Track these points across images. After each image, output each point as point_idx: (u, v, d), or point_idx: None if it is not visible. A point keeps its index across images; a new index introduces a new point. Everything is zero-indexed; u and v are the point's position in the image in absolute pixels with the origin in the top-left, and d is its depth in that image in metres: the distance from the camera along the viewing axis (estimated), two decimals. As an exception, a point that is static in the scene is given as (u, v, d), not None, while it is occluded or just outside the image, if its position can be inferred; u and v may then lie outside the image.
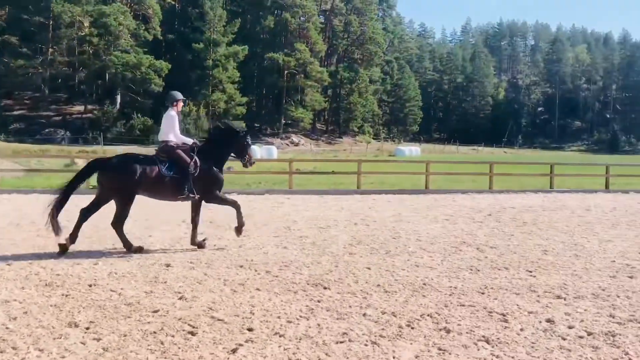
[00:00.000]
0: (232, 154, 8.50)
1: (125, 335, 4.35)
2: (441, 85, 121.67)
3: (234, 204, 8.19)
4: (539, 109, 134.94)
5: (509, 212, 13.30)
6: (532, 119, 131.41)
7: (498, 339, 4.35)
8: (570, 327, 4.65)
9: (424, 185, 19.41)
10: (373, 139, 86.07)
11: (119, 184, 7.51)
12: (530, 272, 6.80)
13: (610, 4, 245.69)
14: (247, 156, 8.43)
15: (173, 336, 4.36)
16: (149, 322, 4.67)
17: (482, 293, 5.74)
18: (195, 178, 7.76)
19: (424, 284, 6.08)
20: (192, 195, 7.82)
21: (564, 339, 4.36)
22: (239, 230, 8.22)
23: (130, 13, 63.23)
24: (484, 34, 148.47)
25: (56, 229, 7.24)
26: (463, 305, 5.28)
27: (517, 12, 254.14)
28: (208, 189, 7.97)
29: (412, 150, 67.19)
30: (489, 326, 4.67)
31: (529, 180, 23.05)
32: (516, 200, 16.60)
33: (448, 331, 4.53)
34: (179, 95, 8.33)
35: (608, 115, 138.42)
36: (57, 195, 7.43)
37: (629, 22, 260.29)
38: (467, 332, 4.51)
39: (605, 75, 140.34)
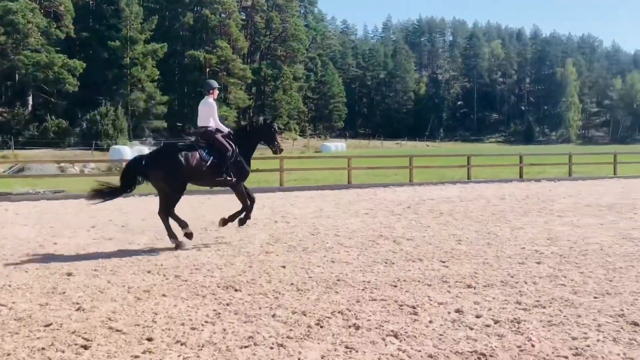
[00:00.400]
0: (262, 143, 8.94)
1: (8, 355, 3.97)
2: (364, 81, 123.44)
3: (246, 202, 8.58)
4: (459, 102, 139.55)
5: (428, 204, 13.52)
6: (453, 113, 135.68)
7: (406, 332, 4.29)
8: (478, 317, 4.66)
9: (346, 180, 19.48)
10: (299, 135, 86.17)
11: (167, 175, 7.77)
12: (444, 262, 6.85)
13: (521, 1, 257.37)
14: (276, 142, 8.89)
15: (63, 351, 4.03)
16: (38, 338, 4.30)
17: (395, 286, 5.70)
18: (230, 163, 8.15)
19: (338, 280, 5.97)
20: (229, 179, 8.21)
21: (471, 329, 4.36)
22: (231, 220, 8.58)
23: (40, 10, 60.01)
24: (404, 31, 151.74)
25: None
26: (375, 300, 5.21)
27: (435, 9, 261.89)
28: (236, 176, 8.29)
29: (337, 146, 67.75)
30: (398, 320, 4.61)
31: (448, 172, 23.66)
32: (435, 192, 16.94)
33: (357, 327, 4.43)
34: (215, 83, 8.81)
35: (523, 108, 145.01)
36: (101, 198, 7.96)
37: (539, 18, 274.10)
38: (376, 328, 4.43)
39: (519, 69, 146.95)
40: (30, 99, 61.77)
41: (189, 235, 7.97)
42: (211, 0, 74.32)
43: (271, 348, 4.04)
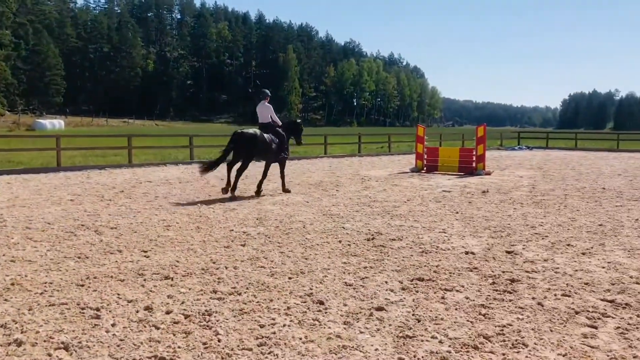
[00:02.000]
0: (292, 136, 12.69)
1: None
2: (87, 54, 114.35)
3: (283, 174, 12.44)
4: (188, 82, 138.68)
5: (144, 187, 12.81)
6: (183, 92, 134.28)
7: (80, 343, 3.69)
8: (168, 312, 4.30)
9: (56, 162, 17.49)
10: (8, 111, 75.94)
11: (247, 148, 11.16)
12: (145, 252, 6.34)
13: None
14: (300, 137, 12.87)
15: None
16: None
17: (82, 285, 5.01)
18: (284, 147, 12.10)
19: (13, 284, 5.03)
20: (285, 155, 12.27)
21: (157, 328, 3.97)
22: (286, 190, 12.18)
23: None
24: (129, 4, 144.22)
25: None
26: (53, 305, 4.46)
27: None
28: (287, 155, 12.48)
29: (54, 123, 61.52)
30: (75, 328, 3.97)
31: (172, 153, 23.06)
32: (155, 174, 16.25)
33: (20, 344, 3.66)
34: (268, 92, 12.38)
35: (250, 90, 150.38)
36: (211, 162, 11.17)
37: (263, 4, 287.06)
38: (44, 341, 3.73)
39: (245, 53, 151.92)
40: None
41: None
42: None
43: None
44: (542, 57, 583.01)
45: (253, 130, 11.53)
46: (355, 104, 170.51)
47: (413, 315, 4.26)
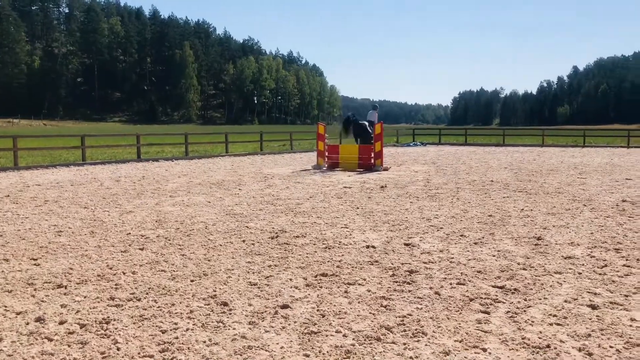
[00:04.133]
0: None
1: None
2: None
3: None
4: (79, 79, 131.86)
5: (32, 191, 12.02)
6: (73, 90, 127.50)
7: (-38, 363, 3.40)
8: (61, 323, 4.05)
9: None
10: None
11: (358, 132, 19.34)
12: (36, 260, 5.95)
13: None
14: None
15: None
16: None
17: (-38, 300, 4.61)
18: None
19: None
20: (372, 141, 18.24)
21: (51, 340, 3.73)
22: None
23: None
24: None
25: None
26: None
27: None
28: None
29: None
30: (-45, 347, 3.65)
31: (62, 154, 21.82)
32: (44, 177, 15.30)
33: None
34: (377, 107, 21.98)
35: (145, 87, 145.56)
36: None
37: None
38: None
39: (139, 49, 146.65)
40: None
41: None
42: None
43: None
44: (433, 56, 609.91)
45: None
46: (256, 101, 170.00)
47: (318, 311, 4.30)
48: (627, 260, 5.92)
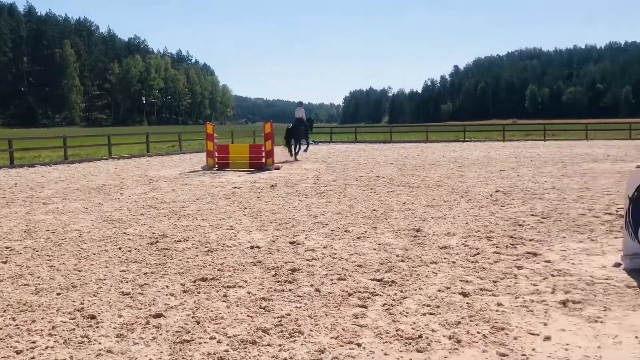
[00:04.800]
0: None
1: None
2: None
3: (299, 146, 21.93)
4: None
5: None
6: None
7: None
8: None
9: None
10: None
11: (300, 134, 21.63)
12: None
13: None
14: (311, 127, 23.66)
15: None
16: None
17: None
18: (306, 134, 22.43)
19: None
20: (306, 139, 22.81)
21: None
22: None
23: None
24: None
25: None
26: None
27: None
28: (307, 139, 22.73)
29: None
30: None
31: None
32: None
33: None
34: (302, 106, 22.98)
35: (22, 89, 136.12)
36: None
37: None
38: None
39: (14, 48, 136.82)
40: None
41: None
42: None
43: None
44: (326, 56, 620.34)
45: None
46: (144, 102, 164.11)
47: (193, 318, 4.12)
48: (497, 247, 6.25)
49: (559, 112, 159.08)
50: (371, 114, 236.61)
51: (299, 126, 21.53)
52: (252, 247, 6.46)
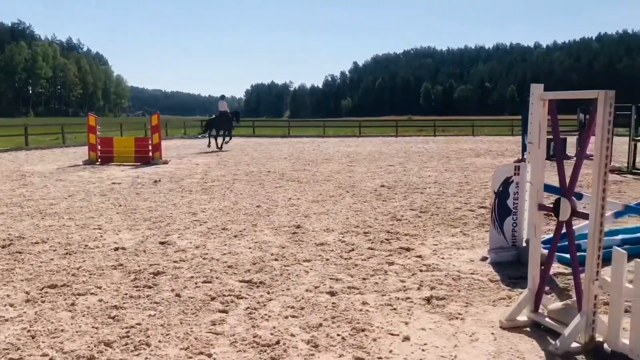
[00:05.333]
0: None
1: None
2: None
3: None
4: None
5: None
6: None
7: None
8: None
9: None
10: None
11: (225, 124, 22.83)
12: None
13: None
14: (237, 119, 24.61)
15: None
16: None
17: None
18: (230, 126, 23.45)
19: None
20: (232, 131, 24.26)
21: None
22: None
23: None
24: None
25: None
26: None
27: None
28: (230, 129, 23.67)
29: None
30: None
31: None
32: None
33: None
34: (224, 99, 24.15)
35: None
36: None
37: None
38: None
39: None
40: None
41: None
42: None
43: None
44: (226, 49, 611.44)
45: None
46: (30, 92, 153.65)
47: (28, 332, 3.67)
48: (372, 243, 6.21)
49: (451, 109, 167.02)
50: (273, 108, 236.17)
51: (222, 118, 22.74)
52: (116, 249, 5.99)
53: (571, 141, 18.38)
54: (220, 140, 22.74)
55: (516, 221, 5.45)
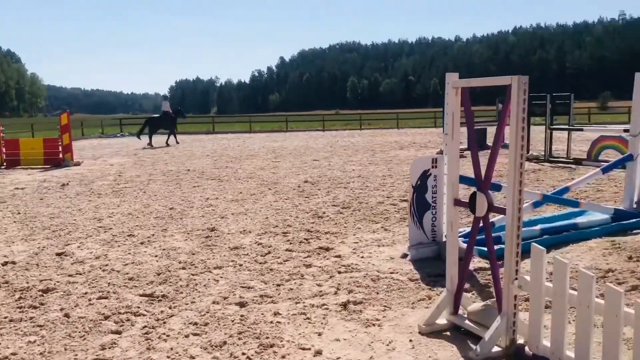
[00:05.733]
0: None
1: None
2: None
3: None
4: None
5: None
6: None
7: None
8: None
9: None
10: None
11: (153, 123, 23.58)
12: None
13: None
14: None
15: None
16: None
17: None
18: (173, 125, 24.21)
19: None
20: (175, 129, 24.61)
21: None
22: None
23: None
24: None
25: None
26: None
27: None
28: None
29: None
30: None
31: None
32: None
33: None
34: (167, 99, 25.29)
35: None
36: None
37: None
38: None
39: None
40: None
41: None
42: None
43: None
44: (146, 45, 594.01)
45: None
46: None
47: None
48: (290, 244, 5.88)
49: (377, 103, 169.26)
50: (199, 105, 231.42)
51: (165, 118, 23.79)
52: (4, 264, 5.37)
53: (491, 131, 18.78)
54: (155, 138, 23.45)
55: (435, 215, 5.27)
